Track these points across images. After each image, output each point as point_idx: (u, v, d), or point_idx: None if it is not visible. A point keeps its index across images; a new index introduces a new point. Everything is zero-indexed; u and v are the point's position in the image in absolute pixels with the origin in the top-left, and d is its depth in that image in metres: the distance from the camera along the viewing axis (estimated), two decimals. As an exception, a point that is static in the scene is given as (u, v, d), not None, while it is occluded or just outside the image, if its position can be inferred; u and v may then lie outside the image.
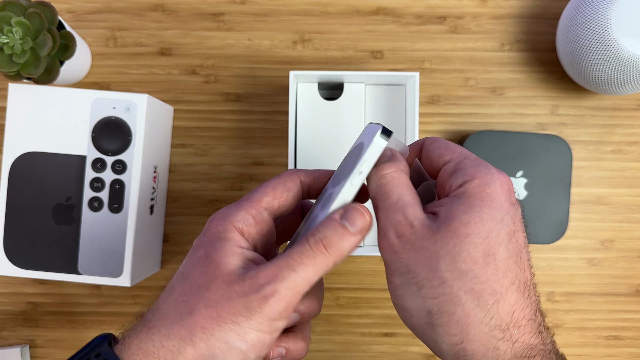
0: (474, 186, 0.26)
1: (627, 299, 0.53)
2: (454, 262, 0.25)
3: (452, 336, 0.25)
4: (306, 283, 0.26)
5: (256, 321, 0.26)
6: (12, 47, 0.43)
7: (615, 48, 0.44)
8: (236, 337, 0.25)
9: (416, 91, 0.46)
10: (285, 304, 0.26)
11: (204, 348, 0.25)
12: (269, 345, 0.27)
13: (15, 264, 0.46)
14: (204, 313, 0.26)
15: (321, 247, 0.27)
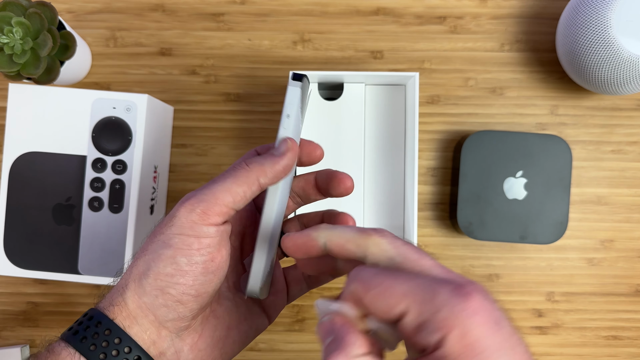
0: (453, 344, 0.20)
1: (626, 299, 0.53)
2: None
3: None
4: (226, 192, 0.28)
5: (176, 225, 0.28)
6: (12, 47, 0.43)
7: (615, 48, 0.44)
8: (162, 245, 0.28)
9: (416, 91, 0.46)
10: (201, 209, 0.28)
11: (141, 265, 0.28)
12: (199, 249, 0.28)
13: (15, 264, 0.46)
14: (144, 242, 0.30)
15: (243, 164, 0.29)
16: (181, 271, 0.28)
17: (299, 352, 0.53)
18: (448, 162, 0.53)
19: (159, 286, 0.28)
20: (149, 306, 0.28)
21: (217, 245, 0.28)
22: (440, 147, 0.53)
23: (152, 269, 0.28)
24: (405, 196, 0.50)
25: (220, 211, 0.28)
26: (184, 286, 0.28)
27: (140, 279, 0.28)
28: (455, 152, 0.52)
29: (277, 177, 0.30)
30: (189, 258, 0.28)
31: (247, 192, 0.29)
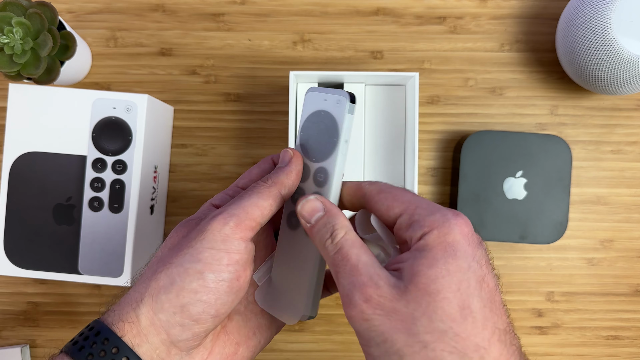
0: (433, 238, 0.25)
1: (626, 299, 0.53)
2: (431, 322, 0.23)
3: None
4: (254, 206, 0.28)
5: (207, 239, 0.27)
6: (12, 48, 0.43)
7: (615, 48, 0.44)
8: (190, 259, 0.27)
9: (416, 91, 0.46)
10: (234, 222, 0.28)
11: (163, 278, 0.27)
12: (228, 265, 0.27)
13: (15, 264, 0.46)
14: (166, 253, 0.29)
15: (262, 182, 0.30)
16: (207, 288, 0.27)
17: (299, 352, 0.53)
18: (448, 162, 0.53)
19: (181, 303, 0.27)
20: (164, 324, 0.27)
21: (244, 263, 0.28)
22: (440, 147, 0.53)
23: (177, 284, 0.27)
24: (405, 196, 0.50)
25: (250, 225, 0.28)
26: (206, 304, 0.27)
27: (158, 294, 0.27)
28: (455, 152, 0.52)
29: (294, 184, 0.30)
30: (217, 274, 0.27)
31: (272, 205, 0.29)
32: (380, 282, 0.25)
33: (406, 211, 0.27)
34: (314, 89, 0.31)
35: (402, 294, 0.24)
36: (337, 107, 0.30)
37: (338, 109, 0.30)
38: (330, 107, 0.31)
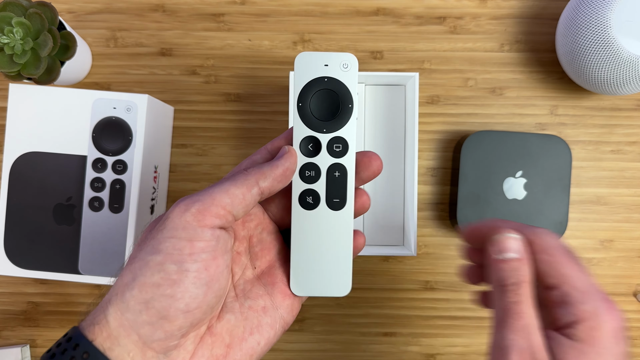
0: (582, 330, 0.25)
1: (626, 299, 0.53)
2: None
3: None
4: (223, 192, 0.26)
5: (168, 228, 0.26)
6: (12, 48, 0.43)
7: (615, 48, 0.44)
8: (151, 250, 0.25)
9: (416, 91, 0.46)
10: (196, 208, 0.26)
11: (126, 275, 0.26)
12: (191, 255, 0.25)
13: (15, 264, 0.46)
14: (134, 249, 0.27)
15: (243, 170, 0.28)
16: (169, 280, 0.25)
17: (299, 352, 0.53)
18: (448, 162, 0.54)
19: (144, 299, 0.25)
20: (132, 324, 0.25)
21: (212, 251, 0.26)
22: (440, 147, 0.53)
23: (138, 279, 0.25)
24: (405, 196, 0.50)
25: (217, 212, 0.26)
26: (172, 299, 0.25)
27: (123, 292, 0.25)
28: (455, 152, 0.52)
29: (277, 180, 0.28)
30: (179, 265, 0.25)
31: (246, 194, 0.27)
32: (538, 355, 0.25)
33: (561, 287, 0.26)
34: (306, 54, 0.29)
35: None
36: (346, 73, 0.29)
37: (347, 75, 0.29)
38: (335, 72, 0.29)
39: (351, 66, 0.29)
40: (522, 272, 0.26)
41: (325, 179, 0.30)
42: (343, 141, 0.29)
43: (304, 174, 0.30)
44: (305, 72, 0.29)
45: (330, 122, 0.29)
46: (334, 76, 0.29)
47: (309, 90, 0.29)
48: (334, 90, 0.29)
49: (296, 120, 0.30)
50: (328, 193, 0.30)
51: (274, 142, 0.31)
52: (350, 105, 0.29)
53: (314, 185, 0.30)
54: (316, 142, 0.30)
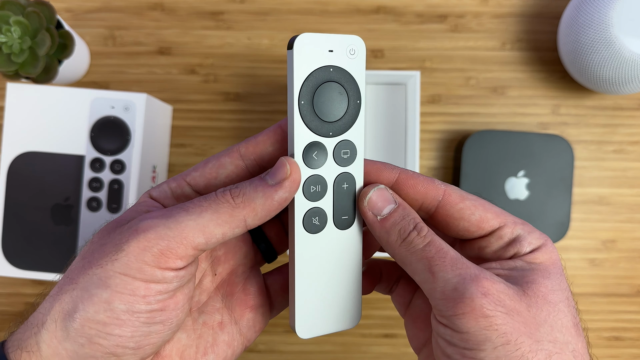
0: (542, 254, 0.24)
1: (628, 300, 0.53)
2: (553, 332, 0.21)
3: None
4: (198, 230, 0.22)
5: (121, 262, 0.21)
6: (10, 47, 0.43)
7: (617, 47, 0.44)
8: (98, 282, 0.21)
9: (417, 90, 0.46)
10: (159, 250, 0.21)
11: (67, 301, 0.22)
12: (145, 297, 0.21)
13: (13, 265, 0.46)
14: (75, 266, 0.23)
15: (228, 195, 0.23)
16: (118, 320, 0.21)
17: (299, 354, 0.53)
18: (449, 162, 0.53)
19: (87, 334, 0.21)
20: (71, 354, 0.22)
21: (172, 291, 0.22)
22: (441, 146, 0.53)
23: (80, 313, 0.21)
24: (405, 196, 0.50)
25: (185, 254, 0.22)
26: (120, 338, 0.21)
27: (64, 320, 0.21)
28: (457, 152, 0.52)
29: (270, 214, 0.23)
30: (129, 305, 0.21)
31: (227, 234, 0.22)
32: (494, 277, 0.22)
33: (506, 225, 0.25)
34: (308, 36, 0.23)
35: (521, 296, 0.22)
36: (353, 60, 0.24)
37: (355, 63, 0.24)
38: (342, 60, 0.24)
39: (358, 52, 0.24)
40: (411, 215, 0.24)
41: (332, 194, 0.25)
42: (351, 146, 0.25)
43: (309, 190, 0.24)
44: (307, 59, 0.23)
45: (336, 124, 0.24)
46: (341, 65, 0.24)
47: (311, 83, 0.24)
48: (340, 84, 0.24)
49: (297, 122, 0.24)
50: (336, 210, 0.25)
51: (250, 145, 0.25)
52: (359, 102, 0.25)
53: (320, 202, 0.25)
54: (322, 148, 0.24)
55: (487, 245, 0.25)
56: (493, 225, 0.25)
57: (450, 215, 0.25)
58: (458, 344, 0.21)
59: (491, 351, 0.20)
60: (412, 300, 0.28)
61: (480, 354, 0.20)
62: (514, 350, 0.20)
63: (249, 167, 0.25)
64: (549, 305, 0.22)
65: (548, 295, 0.22)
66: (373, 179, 0.26)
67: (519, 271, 0.23)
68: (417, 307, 0.27)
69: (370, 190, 0.24)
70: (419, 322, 0.27)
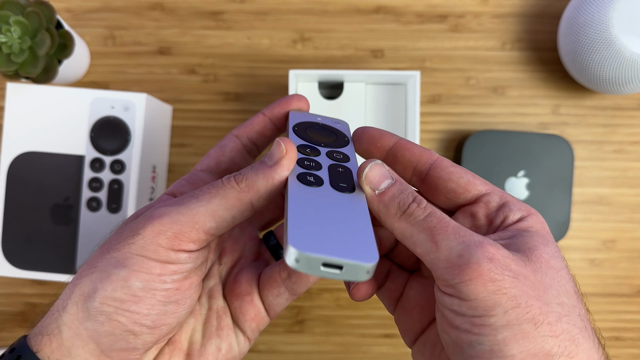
0: (534, 222, 0.24)
1: (629, 300, 0.53)
2: (559, 296, 0.21)
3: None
4: (209, 215, 0.23)
5: (137, 245, 0.23)
6: (10, 47, 0.43)
7: (617, 47, 0.44)
8: (115, 263, 0.23)
9: (417, 90, 0.46)
10: (173, 233, 0.23)
11: (86, 284, 0.23)
12: (161, 275, 0.23)
13: (13, 265, 0.46)
14: (94, 254, 0.24)
15: (233, 182, 0.24)
16: (134, 297, 0.23)
17: (299, 354, 0.53)
18: (449, 161, 0.53)
19: (106, 312, 0.23)
20: (92, 333, 0.23)
21: (186, 272, 0.24)
22: (441, 146, 0.53)
23: (99, 292, 0.23)
24: (405, 196, 0.50)
25: (197, 238, 0.23)
26: (137, 315, 0.23)
27: (84, 302, 0.23)
28: (457, 152, 0.52)
29: (273, 193, 0.24)
30: (145, 283, 0.23)
31: (236, 217, 0.24)
32: (496, 244, 0.21)
33: (494, 192, 0.25)
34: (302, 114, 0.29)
35: (526, 261, 0.21)
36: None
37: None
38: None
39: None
40: (409, 189, 0.24)
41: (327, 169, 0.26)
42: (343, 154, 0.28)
43: (303, 164, 0.25)
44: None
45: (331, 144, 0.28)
46: None
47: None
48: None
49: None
50: (332, 179, 0.25)
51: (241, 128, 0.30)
52: (347, 139, 0.30)
53: (316, 172, 0.25)
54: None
55: (477, 211, 0.25)
56: (480, 190, 0.25)
57: (440, 177, 0.25)
58: (466, 312, 0.20)
59: (502, 316, 0.20)
60: (404, 292, 0.27)
61: (491, 320, 0.20)
62: (525, 313, 0.20)
63: (245, 144, 0.30)
64: (552, 271, 0.22)
65: (550, 261, 0.22)
66: (375, 142, 0.27)
67: (518, 238, 0.23)
68: (410, 298, 0.27)
69: (368, 165, 0.25)
70: (414, 312, 0.26)
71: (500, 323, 0.20)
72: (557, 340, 0.20)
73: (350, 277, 0.20)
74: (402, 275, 0.28)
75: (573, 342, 0.20)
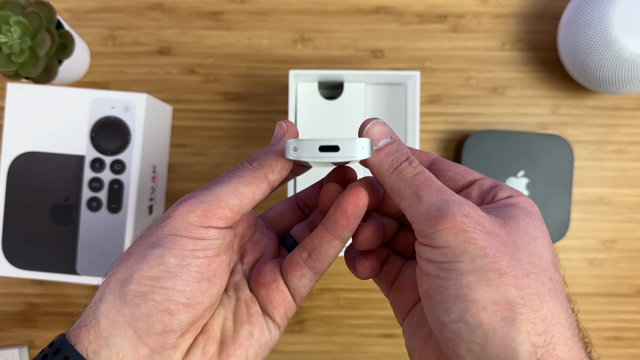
0: (522, 200, 0.25)
1: (628, 300, 0.53)
2: (532, 257, 0.22)
3: (537, 336, 0.21)
4: (232, 193, 0.25)
5: (169, 226, 0.24)
6: (10, 47, 0.43)
7: (617, 47, 0.44)
8: (150, 245, 0.24)
9: (417, 90, 0.46)
10: (201, 211, 0.24)
11: (123, 271, 0.24)
12: (194, 251, 0.24)
13: (13, 265, 0.46)
14: (129, 247, 0.26)
15: (246, 164, 0.27)
16: (170, 272, 0.23)
17: (299, 354, 0.53)
18: (449, 162, 0.53)
19: (142, 292, 0.23)
20: (129, 319, 0.23)
21: (216, 248, 0.25)
22: (441, 146, 0.53)
23: (136, 273, 0.24)
24: (405, 196, 0.50)
25: (224, 215, 0.25)
26: (173, 291, 0.23)
27: (121, 288, 0.24)
28: (457, 152, 0.52)
29: (285, 168, 0.26)
30: (180, 259, 0.24)
31: (255, 192, 0.26)
32: (476, 207, 0.23)
33: (486, 179, 0.27)
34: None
35: (502, 224, 0.23)
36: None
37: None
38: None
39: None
40: (404, 149, 0.25)
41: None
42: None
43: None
44: None
45: None
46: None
47: None
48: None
49: None
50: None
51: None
52: None
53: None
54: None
55: (471, 192, 0.27)
56: (475, 177, 0.27)
57: (440, 169, 0.28)
58: (437, 259, 0.22)
59: (469, 262, 0.21)
60: (400, 272, 0.29)
61: (458, 265, 0.21)
62: (492, 263, 0.21)
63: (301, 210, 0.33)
64: (528, 236, 0.23)
65: (528, 228, 0.23)
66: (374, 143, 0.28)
67: (502, 209, 0.24)
68: (405, 277, 0.29)
69: (370, 122, 0.26)
70: (408, 289, 0.28)
71: (466, 269, 0.21)
72: (522, 292, 0.21)
73: (348, 155, 0.23)
74: (399, 260, 0.30)
75: (538, 298, 0.21)
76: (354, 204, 0.26)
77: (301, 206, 0.32)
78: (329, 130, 0.49)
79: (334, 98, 0.49)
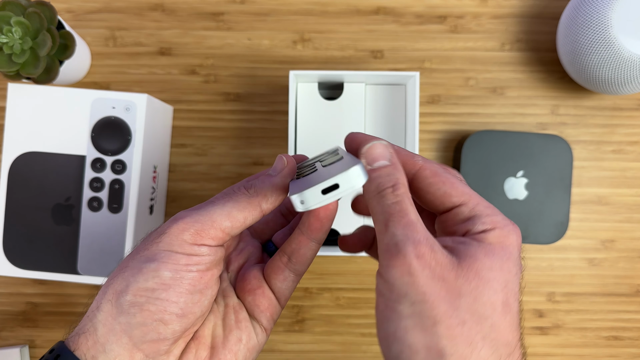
0: (494, 235, 0.25)
1: (627, 299, 0.53)
2: (475, 304, 0.23)
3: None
4: (225, 216, 0.27)
5: (164, 242, 0.26)
6: (11, 47, 0.43)
7: (616, 48, 0.44)
8: (146, 259, 0.26)
9: (416, 91, 0.46)
10: (195, 230, 0.26)
11: (119, 282, 0.26)
12: (187, 265, 0.26)
13: (14, 264, 0.46)
14: (125, 258, 0.27)
15: (243, 189, 0.28)
16: (164, 285, 0.25)
17: (299, 353, 0.53)
18: (448, 162, 0.53)
19: (138, 303, 0.25)
20: (125, 327, 0.25)
21: (207, 263, 0.27)
22: (440, 147, 0.53)
23: (132, 285, 0.25)
24: (405, 196, 0.50)
25: (215, 235, 0.27)
26: (167, 302, 0.25)
27: (118, 298, 0.25)
28: (456, 152, 0.52)
29: (279, 197, 0.28)
30: (174, 272, 0.25)
31: (247, 218, 0.27)
32: (435, 247, 0.23)
33: (467, 204, 0.26)
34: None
35: (454, 267, 0.23)
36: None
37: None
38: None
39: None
40: (396, 175, 0.25)
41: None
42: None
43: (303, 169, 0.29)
44: None
45: None
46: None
47: None
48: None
49: None
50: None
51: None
52: None
53: None
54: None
55: (447, 219, 0.27)
56: (454, 202, 0.26)
57: (421, 189, 0.27)
58: (385, 293, 0.23)
59: (408, 306, 0.22)
60: None
61: (399, 307, 0.23)
62: (429, 310, 0.22)
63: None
64: (478, 280, 0.23)
65: (482, 271, 0.23)
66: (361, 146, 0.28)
67: (464, 245, 0.24)
68: None
69: (372, 142, 0.26)
70: None
71: (405, 312, 0.22)
72: (452, 342, 0.22)
73: (349, 187, 0.24)
74: None
75: (469, 346, 0.22)
76: (325, 208, 0.28)
77: (284, 213, 0.34)
78: (329, 130, 0.49)
79: (334, 98, 0.49)
